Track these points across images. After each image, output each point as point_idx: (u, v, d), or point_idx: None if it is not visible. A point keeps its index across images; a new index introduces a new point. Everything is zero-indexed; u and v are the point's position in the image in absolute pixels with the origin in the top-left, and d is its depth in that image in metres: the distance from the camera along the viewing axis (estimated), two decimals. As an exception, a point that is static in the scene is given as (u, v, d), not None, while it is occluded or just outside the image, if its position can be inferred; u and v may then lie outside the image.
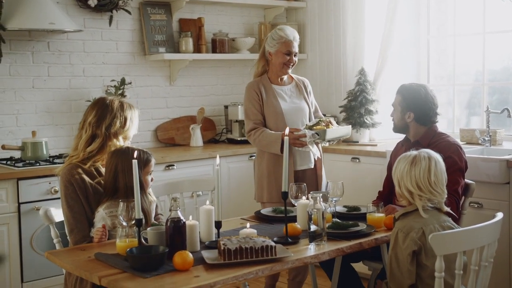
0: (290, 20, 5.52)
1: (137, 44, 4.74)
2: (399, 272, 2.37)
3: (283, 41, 3.54)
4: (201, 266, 2.22)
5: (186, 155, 4.43)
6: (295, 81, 3.74)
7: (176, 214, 2.31)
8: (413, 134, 3.17)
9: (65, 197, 2.62)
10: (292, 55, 3.58)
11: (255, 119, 3.55)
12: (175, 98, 4.97)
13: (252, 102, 3.56)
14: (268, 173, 3.54)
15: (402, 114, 3.16)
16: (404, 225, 2.40)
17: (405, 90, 3.20)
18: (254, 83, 3.62)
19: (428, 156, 2.45)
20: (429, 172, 2.41)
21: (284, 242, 2.47)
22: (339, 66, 5.19)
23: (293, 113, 3.58)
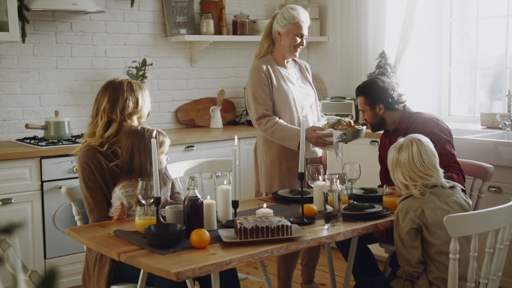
0: (312, 2, 5.50)
1: (158, 25, 4.77)
2: (405, 250, 2.42)
3: (296, 21, 3.32)
4: (218, 244, 2.26)
5: (206, 136, 4.46)
6: (298, 63, 3.54)
7: (194, 193, 2.35)
8: (391, 123, 3.19)
9: (83, 178, 2.67)
10: (303, 37, 3.38)
11: (265, 104, 3.31)
12: (196, 80, 5.00)
13: (261, 86, 3.31)
14: (279, 161, 3.36)
15: (372, 111, 3.18)
16: (404, 206, 2.46)
17: (363, 88, 3.23)
18: (261, 65, 3.35)
19: (411, 142, 2.49)
20: (413, 159, 2.45)
21: (300, 222, 2.50)
22: (359, 49, 5.17)
23: (302, 98, 3.41)
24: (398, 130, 3.12)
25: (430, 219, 2.39)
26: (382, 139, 3.34)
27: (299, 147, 3.21)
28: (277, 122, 3.27)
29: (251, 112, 3.40)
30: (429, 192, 2.45)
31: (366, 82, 3.34)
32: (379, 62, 4.74)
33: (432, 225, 2.39)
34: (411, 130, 2.97)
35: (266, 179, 3.42)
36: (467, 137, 3.87)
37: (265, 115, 3.30)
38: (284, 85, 3.36)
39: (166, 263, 2.05)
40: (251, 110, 3.40)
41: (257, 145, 3.52)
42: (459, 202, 2.48)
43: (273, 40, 3.41)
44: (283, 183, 3.35)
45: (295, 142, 3.20)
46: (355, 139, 3.32)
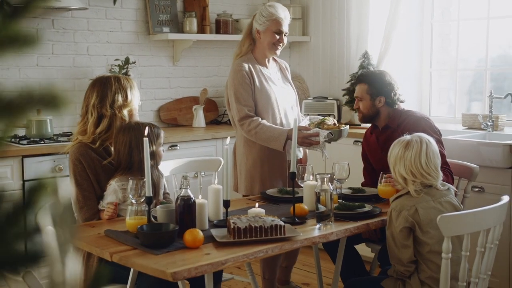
0: (294, 2, 5.51)
1: (141, 23, 4.73)
2: (397, 249, 2.43)
3: (273, 18, 3.28)
4: (211, 244, 2.24)
5: (189, 135, 4.44)
6: (278, 63, 3.51)
7: (186, 193, 2.33)
8: (383, 119, 3.17)
9: (74, 175, 2.64)
10: (283, 34, 3.32)
11: (247, 105, 3.25)
12: (178, 79, 4.97)
13: (243, 86, 3.26)
14: (261, 162, 3.31)
15: (372, 101, 3.14)
16: (397, 205, 2.47)
17: (369, 77, 3.20)
18: (243, 64, 3.29)
19: (420, 140, 2.50)
20: (420, 156, 2.46)
21: (292, 222, 2.50)
22: (342, 49, 5.19)
23: (284, 98, 3.38)
24: (389, 127, 3.13)
25: (423, 218, 2.41)
26: (367, 136, 3.32)
27: (284, 147, 3.23)
28: (261, 123, 3.22)
29: (233, 113, 3.35)
30: (424, 192, 2.47)
31: (374, 71, 3.30)
32: (362, 62, 4.76)
33: (425, 224, 2.41)
34: (403, 127, 2.98)
35: (246, 181, 3.37)
36: (450, 138, 3.91)
37: (248, 116, 3.25)
38: (266, 85, 3.32)
39: (161, 263, 2.03)
40: (233, 111, 3.35)
41: (237, 146, 3.47)
42: (452, 203, 2.51)
43: (253, 39, 3.37)
44: (264, 185, 3.30)
45: (281, 142, 3.18)
46: (340, 138, 3.30)
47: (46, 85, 0.55)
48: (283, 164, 3.34)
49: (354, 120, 4.84)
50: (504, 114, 4.35)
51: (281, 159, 3.33)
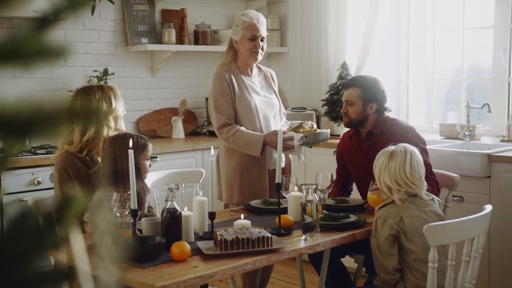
0: (272, 13, 5.53)
1: (119, 34, 4.70)
2: (382, 257, 2.45)
3: (246, 25, 3.28)
4: (197, 256, 2.22)
5: (169, 147, 4.41)
6: (263, 72, 3.49)
7: (172, 205, 2.32)
8: (369, 125, 3.12)
9: (59, 184, 2.61)
10: (258, 39, 3.29)
11: (226, 113, 3.26)
12: (157, 90, 4.95)
13: (222, 95, 3.27)
14: (240, 171, 3.30)
15: (363, 107, 3.08)
16: (382, 213, 2.50)
17: (363, 82, 3.14)
18: (223, 73, 3.30)
19: (404, 150, 2.53)
20: (404, 166, 2.48)
21: (278, 233, 2.49)
22: (320, 60, 5.22)
23: (266, 108, 3.37)
24: (372, 134, 3.10)
25: (408, 226, 2.43)
26: (345, 140, 3.28)
27: (261, 153, 3.22)
28: (238, 130, 3.23)
29: (213, 121, 3.37)
30: (408, 201, 2.49)
31: (367, 76, 3.25)
32: (340, 73, 4.80)
33: (410, 232, 2.43)
34: (388, 135, 2.99)
35: (226, 189, 3.38)
36: (428, 147, 3.93)
37: (226, 124, 3.26)
38: (247, 94, 3.32)
39: (149, 277, 2.00)
40: (212, 119, 3.37)
41: (219, 155, 3.47)
42: (436, 212, 2.53)
43: (235, 50, 3.39)
44: (243, 194, 3.31)
45: (258, 148, 3.18)
46: (317, 142, 3.26)
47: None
48: (262, 174, 3.33)
49: (333, 131, 4.86)
50: (481, 124, 4.41)
51: (260, 168, 3.32)
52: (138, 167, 2.56)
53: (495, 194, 3.62)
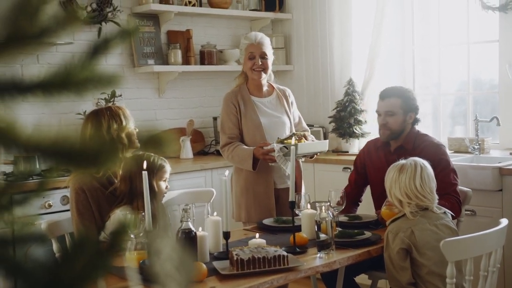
0: (276, 32, 5.56)
1: (126, 56, 4.73)
2: (395, 271, 2.45)
3: (245, 47, 3.38)
4: (214, 277, 2.22)
5: (178, 167, 4.41)
6: (276, 91, 3.51)
7: (187, 225, 2.31)
8: (401, 138, 3.07)
9: (76, 204, 2.61)
10: (257, 57, 3.33)
11: (230, 133, 3.33)
12: (164, 110, 4.96)
13: (228, 115, 3.35)
14: (246, 190, 3.33)
15: (404, 117, 3.04)
16: (393, 227, 2.51)
17: (402, 91, 3.11)
18: (232, 94, 3.40)
19: (414, 164, 2.54)
20: (414, 179, 2.49)
21: (293, 251, 2.48)
22: (326, 77, 5.24)
23: (273, 127, 3.37)
24: (402, 149, 3.03)
25: (419, 239, 2.43)
26: (371, 149, 3.21)
27: (254, 167, 3.22)
28: (236, 147, 3.28)
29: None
30: (420, 214, 2.49)
31: (403, 87, 3.20)
32: (347, 89, 4.81)
33: (421, 245, 2.43)
34: (420, 151, 2.93)
35: (235, 208, 3.42)
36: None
37: (228, 143, 3.32)
38: (253, 114, 3.35)
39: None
40: (220, 139, 3.45)
41: (232, 174, 3.50)
42: (448, 225, 2.53)
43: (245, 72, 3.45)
44: (249, 213, 3.32)
45: (249, 162, 3.21)
46: (304, 153, 3.19)
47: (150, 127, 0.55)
48: (269, 192, 3.33)
49: (341, 147, 4.86)
50: (490, 137, 4.41)
51: (267, 186, 3.33)
52: (152, 188, 2.55)
53: (508, 207, 3.61)
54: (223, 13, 5.09)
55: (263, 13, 5.34)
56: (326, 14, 5.17)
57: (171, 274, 0.58)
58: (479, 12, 4.47)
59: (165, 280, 0.59)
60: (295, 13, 5.44)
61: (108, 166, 0.77)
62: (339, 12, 5.05)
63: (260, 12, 5.34)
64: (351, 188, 3.28)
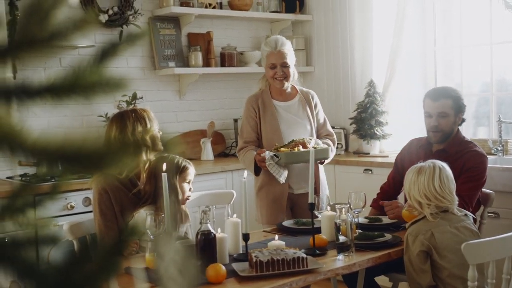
0: (297, 34, 5.56)
1: (147, 58, 4.76)
2: (415, 274, 2.43)
3: (265, 54, 3.33)
4: (233, 278, 2.22)
5: (198, 169, 4.41)
6: (300, 94, 3.46)
7: (207, 227, 2.32)
8: (450, 139, 3.00)
9: (99, 204, 2.63)
10: (278, 66, 3.27)
11: (246, 137, 3.34)
12: (185, 112, 4.98)
13: (247, 119, 3.37)
14: (260, 191, 3.35)
15: (454, 118, 2.98)
16: (413, 230, 2.49)
17: (452, 92, 3.03)
18: (253, 98, 3.40)
19: (433, 165, 2.52)
20: (433, 180, 2.47)
21: (313, 253, 2.47)
22: (347, 78, 5.22)
23: (292, 130, 3.34)
24: (445, 152, 2.96)
25: (439, 242, 2.40)
26: (412, 146, 3.16)
27: (257, 173, 3.25)
28: (247, 151, 3.29)
29: None
30: (440, 217, 2.46)
31: (451, 87, 3.13)
32: (368, 90, 4.78)
33: (442, 248, 2.40)
34: (462, 157, 2.89)
35: (255, 210, 3.44)
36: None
37: (243, 147, 3.35)
38: (272, 118, 3.34)
39: (185, 300, 1.99)
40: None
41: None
42: (469, 228, 2.50)
43: None
44: (261, 213, 3.35)
45: (252, 168, 3.24)
46: (296, 162, 3.13)
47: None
48: (282, 197, 3.30)
49: (362, 149, 4.84)
50: (513, 138, 4.35)
51: (280, 191, 3.29)
52: (175, 188, 2.58)
53: (531, 209, 3.56)
54: (244, 15, 5.10)
55: (284, 15, 5.34)
56: (347, 15, 5.15)
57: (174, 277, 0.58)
58: (502, 12, 4.42)
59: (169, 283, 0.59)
60: (316, 14, 5.43)
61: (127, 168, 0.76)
62: (360, 13, 5.02)
63: (280, 14, 5.33)
64: (388, 186, 3.27)
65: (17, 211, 0.69)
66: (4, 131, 0.47)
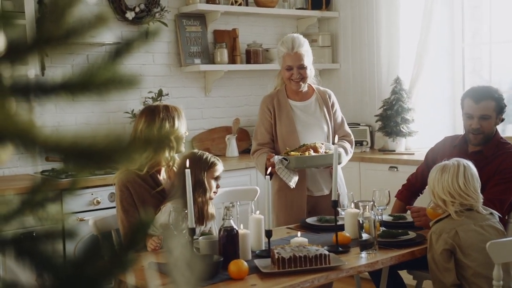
0: (323, 30, 5.54)
1: (173, 55, 4.79)
2: (439, 272, 2.41)
3: (281, 55, 3.21)
4: (255, 275, 2.23)
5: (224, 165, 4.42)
6: (316, 93, 3.34)
7: (229, 223, 2.33)
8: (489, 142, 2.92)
9: (121, 201, 2.67)
10: (295, 68, 3.16)
11: (261, 139, 3.27)
12: (210, 109, 5.01)
13: (262, 121, 3.30)
14: (278, 194, 3.27)
15: (496, 120, 2.92)
16: (437, 228, 2.47)
17: (495, 93, 2.94)
18: (268, 98, 3.32)
19: (457, 163, 2.50)
20: (457, 177, 2.45)
21: (335, 251, 2.47)
22: (373, 75, 5.18)
23: (309, 133, 3.24)
24: (481, 154, 2.90)
25: (464, 240, 2.38)
26: (447, 144, 3.11)
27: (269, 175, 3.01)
28: (260, 154, 3.20)
29: None
30: (464, 215, 2.44)
31: (493, 87, 3.03)
32: (394, 88, 4.75)
33: (466, 246, 2.38)
34: (499, 159, 2.83)
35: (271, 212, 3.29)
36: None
37: (257, 149, 3.27)
38: (287, 119, 3.24)
39: (208, 296, 2.01)
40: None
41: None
42: (494, 226, 2.47)
43: None
44: (278, 217, 3.25)
45: (263, 172, 3.10)
46: (306, 166, 3.03)
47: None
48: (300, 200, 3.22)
49: (387, 146, 4.81)
50: (542, 136, 4.27)
51: (298, 194, 3.20)
52: (202, 184, 2.61)
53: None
54: (270, 12, 5.10)
55: (310, 12, 5.32)
56: (374, 11, 5.11)
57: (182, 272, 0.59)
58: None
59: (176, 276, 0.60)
60: (342, 11, 5.40)
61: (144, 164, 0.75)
62: (387, 10, 4.98)
63: (306, 11, 5.32)
64: (416, 178, 3.23)
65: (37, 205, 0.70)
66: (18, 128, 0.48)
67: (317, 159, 3.01)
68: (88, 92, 0.54)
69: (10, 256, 0.57)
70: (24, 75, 0.60)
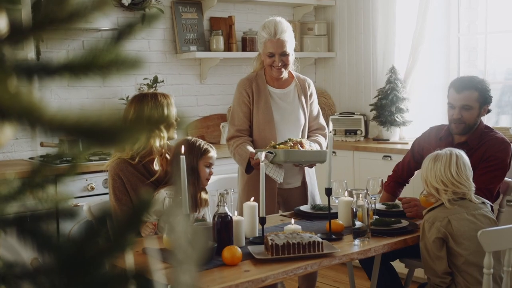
0: (319, 19, 5.53)
1: (168, 42, 4.78)
2: (431, 260, 2.44)
3: (263, 41, 3.07)
4: (249, 261, 2.24)
5: (218, 152, 4.40)
6: (296, 81, 3.21)
7: (224, 210, 2.34)
8: (470, 134, 2.93)
9: (113, 190, 2.67)
10: (277, 55, 3.03)
11: (239, 125, 3.12)
12: (206, 96, 5.01)
13: (240, 105, 3.13)
14: (248, 187, 3.16)
15: (479, 110, 2.90)
16: (430, 216, 2.50)
17: (479, 83, 2.92)
18: (247, 82, 3.16)
19: (450, 153, 2.52)
20: (449, 166, 2.47)
21: (329, 238, 2.49)
22: (368, 65, 5.19)
23: (286, 122, 3.14)
24: (466, 145, 2.90)
25: (456, 229, 2.41)
26: (432, 135, 3.10)
27: (248, 170, 3.01)
28: (240, 144, 3.06)
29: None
30: (457, 204, 2.46)
31: (478, 78, 2.99)
32: (389, 77, 4.76)
33: (458, 235, 2.41)
34: (484, 148, 2.84)
35: (238, 204, 3.21)
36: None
37: (235, 136, 3.13)
38: (266, 106, 3.11)
39: (201, 281, 2.03)
40: (227, 130, 3.27)
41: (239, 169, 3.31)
42: (486, 215, 2.50)
43: None
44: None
45: (244, 166, 3.03)
46: (293, 161, 2.92)
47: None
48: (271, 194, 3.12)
49: (382, 135, 4.83)
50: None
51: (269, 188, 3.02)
52: (195, 171, 2.62)
53: (551, 199, 3.52)
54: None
55: (306, 0, 5.31)
56: (370, 0, 5.11)
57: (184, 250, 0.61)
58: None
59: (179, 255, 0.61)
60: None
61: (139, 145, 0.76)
62: (383, -1, 4.98)
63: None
64: (402, 169, 3.23)
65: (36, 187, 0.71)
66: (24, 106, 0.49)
67: (306, 154, 2.94)
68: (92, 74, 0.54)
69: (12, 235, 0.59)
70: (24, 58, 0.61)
